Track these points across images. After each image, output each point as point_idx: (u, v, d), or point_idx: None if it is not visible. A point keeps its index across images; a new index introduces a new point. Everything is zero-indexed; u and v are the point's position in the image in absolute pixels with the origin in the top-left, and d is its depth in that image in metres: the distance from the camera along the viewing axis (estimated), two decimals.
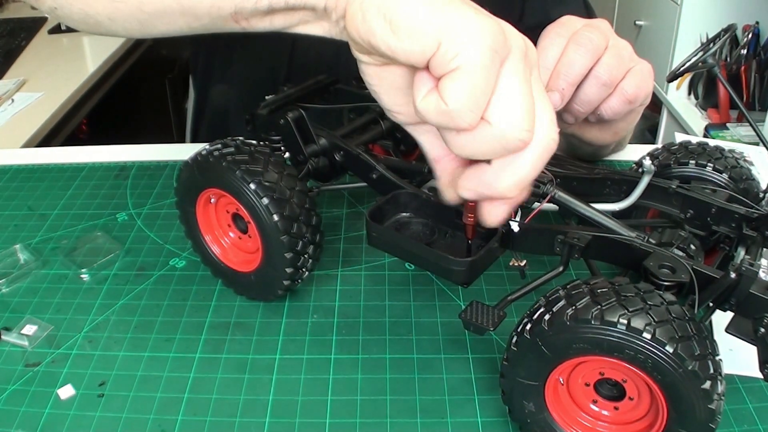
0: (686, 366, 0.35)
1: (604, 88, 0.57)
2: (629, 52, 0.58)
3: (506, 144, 0.37)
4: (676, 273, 0.41)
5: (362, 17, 0.37)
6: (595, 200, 0.50)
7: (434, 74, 0.36)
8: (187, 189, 0.56)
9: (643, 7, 2.05)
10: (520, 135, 0.36)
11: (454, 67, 0.35)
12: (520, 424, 0.44)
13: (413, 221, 0.50)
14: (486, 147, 0.37)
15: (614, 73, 0.57)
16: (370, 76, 0.41)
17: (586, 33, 0.56)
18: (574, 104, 0.59)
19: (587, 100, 0.58)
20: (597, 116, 0.60)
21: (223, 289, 0.59)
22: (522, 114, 0.36)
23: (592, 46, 0.56)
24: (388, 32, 0.36)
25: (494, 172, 0.39)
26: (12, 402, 0.49)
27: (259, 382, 0.50)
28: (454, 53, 0.34)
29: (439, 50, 0.35)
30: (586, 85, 0.57)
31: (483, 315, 0.43)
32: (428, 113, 0.36)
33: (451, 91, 0.35)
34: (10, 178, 0.77)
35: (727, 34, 0.54)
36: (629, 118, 0.65)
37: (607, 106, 0.59)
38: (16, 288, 0.60)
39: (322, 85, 0.66)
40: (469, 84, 0.34)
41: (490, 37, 0.35)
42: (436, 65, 0.35)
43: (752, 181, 0.53)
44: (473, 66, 0.34)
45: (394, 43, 0.36)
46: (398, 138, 0.66)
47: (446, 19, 0.35)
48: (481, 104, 0.35)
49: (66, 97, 1.36)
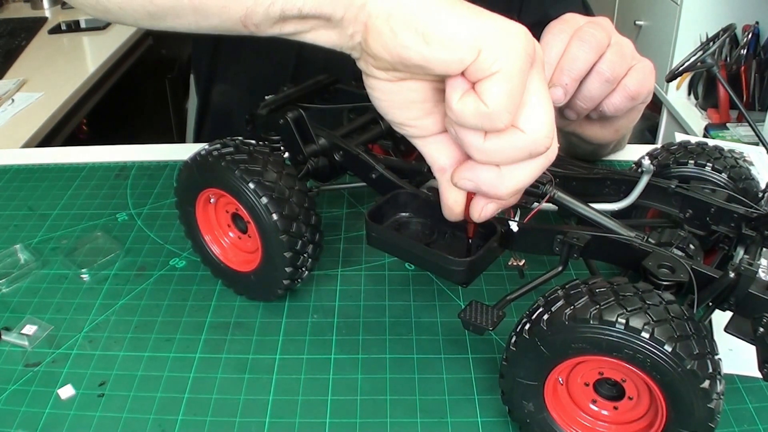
0: (685, 365, 0.35)
1: (607, 84, 0.57)
2: (631, 50, 0.59)
3: (534, 150, 0.37)
4: (675, 273, 0.41)
5: (392, 33, 0.37)
6: (595, 200, 0.50)
7: (471, 79, 0.36)
8: (186, 189, 0.56)
9: (643, 7, 2.05)
10: (545, 142, 0.37)
11: (494, 71, 0.35)
12: (520, 424, 0.44)
13: (413, 221, 0.50)
14: (514, 153, 0.38)
15: (617, 70, 0.57)
16: (382, 92, 0.41)
17: (589, 29, 0.56)
18: (576, 100, 0.59)
19: (590, 96, 0.58)
20: (599, 113, 0.60)
21: (223, 289, 0.59)
22: (549, 120, 0.37)
23: (596, 42, 0.56)
24: (422, 45, 0.36)
25: (500, 176, 0.39)
26: (12, 402, 0.49)
27: (259, 382, 0.50)
28: (494, 59, 0.35)
29: (479, 57, 0.35)
30: (589, 81, 0.57)
31: (482, 315, 0.43)
32: (466, 114, 0.36)
33: (492, 93, 0.35)
34: (10, 178, 0.77)
35: (727, 33, 0.54)
36: (631, 115, 0.65)
37: (609, 102, 0.59)
38: (16, 288, 0.60)
39: (322, 85, 0.66)
40: (508, 86, 0.35)
41: (525, 42, 0.36)
42: (475, 71, 0.36)
43: (751, 181, 0.53)
44: (512, 69, 0.35)
45: (431, 55, 0.36)
46: (398, 138, 0.66)
47: (483, 27, 0.36)
48: (516, 106, 0.36)
49: (66, 97, 1.36)
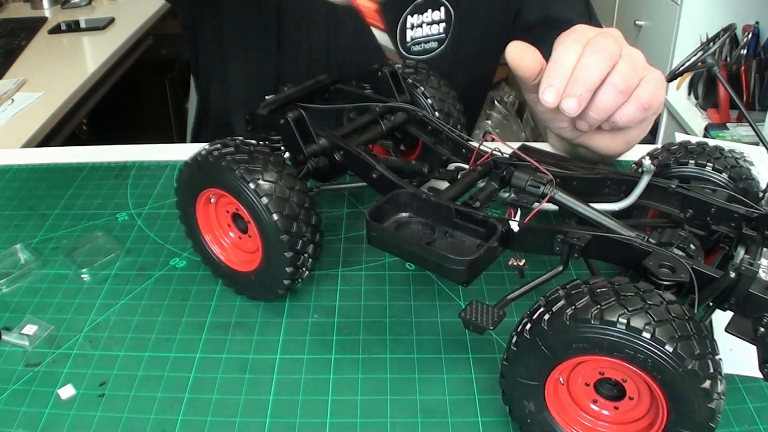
0: (686, 365, 0.35)
1: (621, 95, 0.57)
2: (642, 61, 0.59)
3: None
4: (675, 272, 0.41)
5: None
6: (595, 200, 0.50)
7: None
8: (187, 189, 0.56)
9: (643, 7, 2.05)
10: None
11: None
12: (520, 423, 0.44)
13: (413, 221, 0.50)
14: None
15: (630, 81, 0.57)
16: None
17: (602, 40, 0.56)
18: (589, 111, 0.58)
19: (603, 107, 0.58)
20: (611, 124, 0.60)
21: (223, 289, 0.59)
22: None
23: (609, 52, 0.56)
24: None
25: None
26: (12, 402, 0.49)
27: (259, 382, 0.50)
28: None
29: None
30: (602, 92, 0.57)
31: (483, 314, 0.43)
32: None
33: None
34: (10, 178, 0.77)
35: (727, 33, 0.54)
36: (642, 126, 0.65)
37: (622, 113, 0.59)
38: (16, 288, 0.60)
39: (322, 85, 0.66)
40: None
41: None
42: None
43: (752, 181, 0.53)
44: None
45: None
46: (398, 138, 0.66)
47: None
48: None
49: (66, 97, 1.36)
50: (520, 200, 0.50)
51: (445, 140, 0.59)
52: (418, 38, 0.84)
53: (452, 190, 0.51)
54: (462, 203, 0.49)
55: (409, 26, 0.83)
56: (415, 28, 0.83)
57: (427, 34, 0.84)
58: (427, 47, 0.84)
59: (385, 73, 0.63)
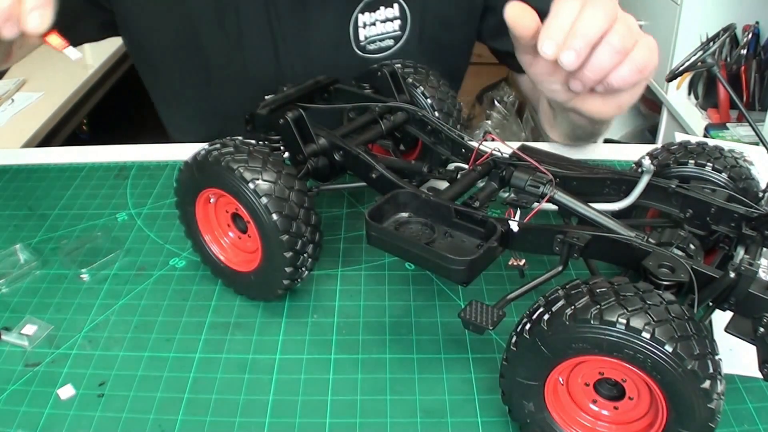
0: (685, 365, 0.35)
1: (617, 55, 0.57)
2: (636, 26, 0.59)
3: None
4: (675, 272, 0.41)
5: None
6: (595, 200, 0.50)
7: None
8: (186, 189, 0.56)
9: (643, 7, 2.05)
10: None
11: None
12: (520, 424, 0.44)
13: (413, 221, 0.50)
14: None
15: (626, 42, 0.57)
16: None
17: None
18: (585, 70, 0.58)
19: (599, 66, 0.58)
20: (605, 85, 0.60)
21: (223, 289, 0.59)
22: None
23: (607, 11, 0.56)
24: None
25: None
26: (12, 402, 0.49)
27: (259, 382, 0.50)
28: None
29: None
30: (599, 51, 0.57)
31: (482, 314, 0.43)
32: None
33: None
34: (10, 178, 0.77)
35: (727, 33, 0.54)
36: (634, 91, 0.65)
37: (617, 74, 0.59)
38: (16, 288, 0.60)
39: (322, 85, 0.66)
40: None
41: None
42: None
43: (752, 181, 0.53)
44: None
45: None
46: (398, 138, 0.66)
47: None
48: None
49: (66, 97, 1.36)
50: (519, 200, 0.50)
51: (444, 140, 0.59)
52: (373, 36, 0.82)
53: (452, 190, 0.51)
54: (462, 203, 0.49)
55: (361, 24, 0.82)
56: (368, 26, 0.82)
57: (382, 32, 0.83)
58: (383, 45, 0.83)
59: (385, 73, 0.63)
